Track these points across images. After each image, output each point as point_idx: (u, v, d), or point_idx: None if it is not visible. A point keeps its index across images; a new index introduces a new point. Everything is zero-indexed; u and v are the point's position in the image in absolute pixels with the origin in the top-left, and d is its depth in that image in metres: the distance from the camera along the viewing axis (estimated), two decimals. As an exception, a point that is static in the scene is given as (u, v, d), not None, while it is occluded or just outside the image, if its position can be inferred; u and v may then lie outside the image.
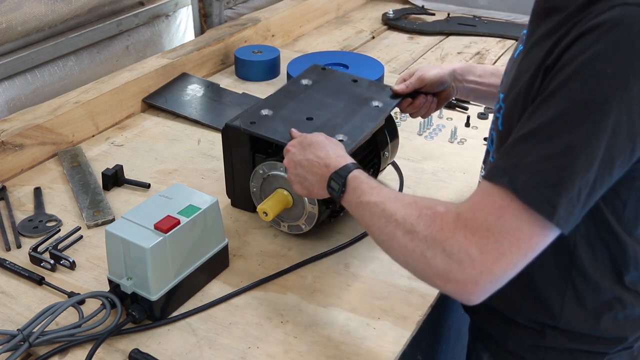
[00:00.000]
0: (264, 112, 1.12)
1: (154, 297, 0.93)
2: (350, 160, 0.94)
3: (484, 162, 1.05)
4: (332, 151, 0.96)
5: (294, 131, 1.05)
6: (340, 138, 1.05)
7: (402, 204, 0.81)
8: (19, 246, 1.12)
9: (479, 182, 1.02)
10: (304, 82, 1.22)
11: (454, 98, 1.23)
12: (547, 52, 0.77)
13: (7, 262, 1.07)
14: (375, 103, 1.15)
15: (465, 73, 1.19)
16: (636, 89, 0.69)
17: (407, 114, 1.24)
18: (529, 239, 0.72)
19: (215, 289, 1.03)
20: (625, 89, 0.69)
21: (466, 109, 1.57)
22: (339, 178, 0.90)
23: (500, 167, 0.74)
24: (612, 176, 0.73)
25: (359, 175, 0.90)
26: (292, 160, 0.98)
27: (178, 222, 0.94)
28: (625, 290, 0.90)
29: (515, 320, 0.97)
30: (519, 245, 0.71)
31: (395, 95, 1.17)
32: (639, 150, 0.73)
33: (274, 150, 1.10)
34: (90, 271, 1.07)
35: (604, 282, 0.89)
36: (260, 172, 1.09)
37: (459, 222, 0.74)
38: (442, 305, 1.15)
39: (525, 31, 0.94)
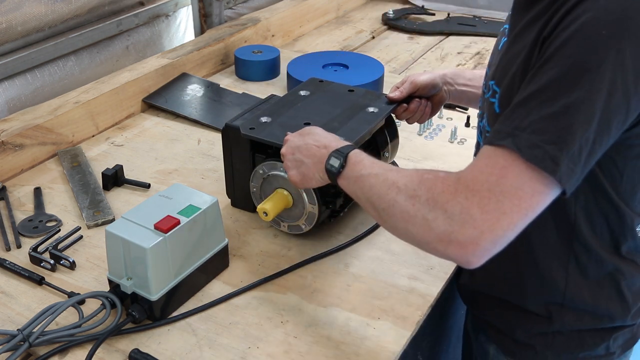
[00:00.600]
0: (263, 119, 1.13)
1: (154, 297, 0.93)
2: (350, 144, 0.94)
3: (475, 155, 1.06)
4: (332, 137, 0.96)
5: (289, 133, 1.05)
6: None
7: (404, 174, 0.82)
8: (19, 246, 1.12)
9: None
10: (302, 93, 1.24)
11: (447, 101, 1.25)
12: (541, 28, 0.80)
13: (7, 262, 1.07)
14: (371, 109, 1.16)
15: (456, 77, 1.22)
16: (629, 50, 0.72)
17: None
18: (530, 197, 0.73)
19: (215, 289, 1.03)
20: (619, 50, 0.71)
21: (466, 109, 1.57)
22: (339, 154, 0.90)
23: (503, 130, 0.75)
24: (610, 136, 0.75)
25: (360, 153, 0.90)
26: (290, 146, 0.98)
27: (178, 222, 0.94)
28: (622, 261, 0.92)
29: (521, 306, 0.98)
30: (520, 205, 0.72)
31: (391, 102, 1.19)
32: (634, 111, 0.76)
33: (274, 151, 1.10)
34: (90, 271, 1.07)
35: (603, 252, 0.91)
36: (260, 172, 1.10)
37: (460, 184, 0.75)
38: (442, 305, 1.15)
39: (506, 25, 0.97)
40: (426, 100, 1.21)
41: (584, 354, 0.98)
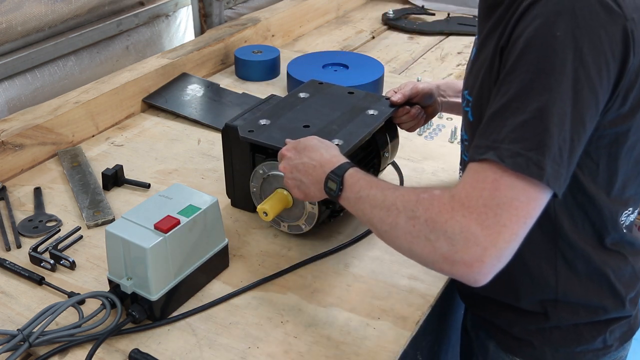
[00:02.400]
0: (262, 121, 1.13)
1: (154, 297, 0.93)
2: (344, 159, 0.94)
3: (461, 163, 1.07)
4: (326, 152, 0.96)
5: (288, 140, 1.06)
6: (337, 142, 1.06)
7: (401, 192, 0.82)
8: (19, 246, 1.12)
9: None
10: (302, 95, 1.24)
11: (439, 112, 1.28)
12: (499, 37, 0.83)
13: (7, 262, 1.07)
14: (371, 112, 1.16)
15: (447, 89, 1.25)
16: (585, 46, 0.74)
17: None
18: (526, 206, 0.73)
19: (215, 289, 1.03)
20: (576, 48, 0.73)
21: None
22: (336, 177, 0.91)
23: (482, 145, 0.76)
24: (585, 132, 0.77)
25: (355, 173, 0.90)
26: (288, 164, 0.99)
27: (178, 222, 0.94)
28: (609, 253, 0.93)
29: (518, 306, 0.99)
30: (518, 214, 0.73)
31: (392, 105, 1.20)
32: (602, 102, 0.78)
33: (274, 151, 1.10)
34: (90, 271, 1.07)
35: (588, 247, 0.92)
36: (260, 172, 1.10)
37: (455, 202, 0.75)
38: (442, 305, 1.15)
39: (476, 36, 1.00)
40: (421, 108, 1.23)
41: (582, 348, 0.99)
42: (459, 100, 1.22)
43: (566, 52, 0.73)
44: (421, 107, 1.22)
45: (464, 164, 1.04)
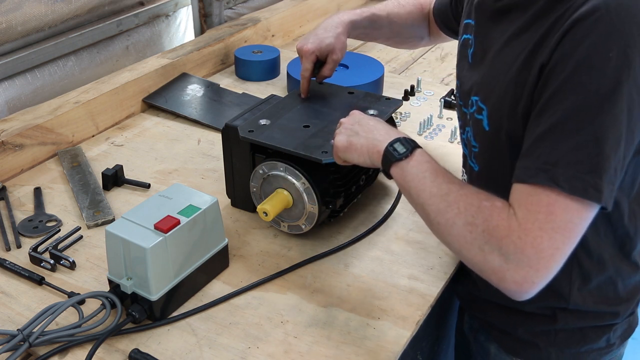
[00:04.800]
0: (262, 121, 1.13)
1: (154, 297, 0.93)
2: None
3: (464, 166, 1.06)
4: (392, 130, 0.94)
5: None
6: None
7: (465, 192, 0.81)
8: (19, 246, 1.12)
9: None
10: (302, 95, 1.23)
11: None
12: (532, 50, 0.81)
13: (7, 262, 1.07)
14: (371, 112, 1.16)
15: (353, 30, 1.28)
16: (637, 65, 0.73)
17: (407, 117, 1.26)
18: (578, 226, 0.75)
19: (215, 289, 1.03)
20: (630, 69, 0.73)
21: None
22: (408, 143, 0.88)
23: (532, 167, 0.76)
24: (634, 145, 0.78)
25: (425, 152, 0.88)
26: (354, 117, 0.97)
27: (178, 222, 0.94)
28: (624, 262, 0.93)
29: (524, 310, 0.98)
30: (571, 235, 0.74)
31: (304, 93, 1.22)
32: None
33: (274, 151, 1.10)
34: (90, 271, 1.07)
35: (606, 255, 0.92)
36: (260, 172, 1.10)
37: (513, 221, 0.75)
38: (442, 305, 1.15)
39: (467, 35, 0.97)
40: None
41: (587, 347, 0.99)
42: (365, 36, 1.30)
43: (619, 72, 0.73)
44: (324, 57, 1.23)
45: (470, 174, 1.03)
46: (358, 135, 0.93)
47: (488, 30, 0.90)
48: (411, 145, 0.88)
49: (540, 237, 0.73)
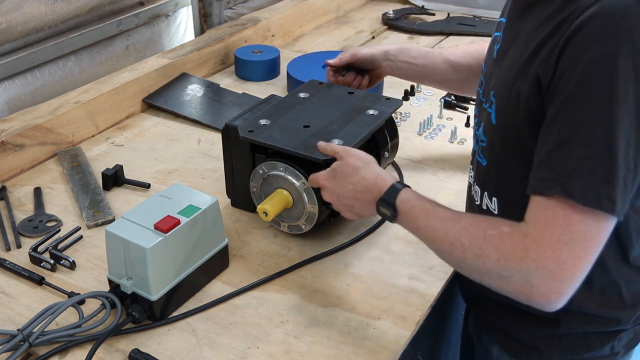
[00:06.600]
0: (262, 121, 1.13)
1: (154, 297, 0.93)
2: (389, 179, 0.93)
3: (472, 163, 1.06)
4: (367, 173, 0.94)
5: (321, 144, 1.03)
6: (336, 142, 1.06)
7: (463, 226, 0.82)
8: (19, 246, 1.12)
9: (470, 184, 1.04)
10: (301, 95, 1.24)
11: (386, 75, 1.33)
12: (540, 45, 0.80)
13: (7, 262, 1.07)
14: (371, 112, 1.16)
15: (399, 54, 1.29)
16: None
17: (407, 118, 1.26)
18: (597, 236, 0.75)
19: (215, 289, 1.03)
20: (637, 75, 0.73)
21: (466, 108, 1.57)
22: (387, 205, 0.90)
23: (547, 178, 0.76)
24: None
25: (407, 199, 0.89)
26: (332, 194, 0.98)
27: (178, 222, 0.94)
28: (627, 267, 0.93)
29: (528, 312, 0.97)
30: (591, 245, 0.75)
31: (326, 64, 1.27)
32: None
33: (274, 151, 1.10)
34: (90, 271, 1.07)
35: (609, 259, 0.91)
36: (260, 172, 1.10)
37: (528, 240, 0.76)
38: (442, 305, 1.15)
39: (497, 33, 0.97)
40: (362, 76, 1.29)
41: (590, 354, 0.98)
42: (410, 66, 1.29)
43: (629, 80, 0.73)
44: (364, 71, 1.29)
45: (477, 169, 1.02)
46: (355, 207, 0.96)
47: (515, 27, 0.90)
48: (391, 204, 0.89)
49: (560, 249, 0.74)
